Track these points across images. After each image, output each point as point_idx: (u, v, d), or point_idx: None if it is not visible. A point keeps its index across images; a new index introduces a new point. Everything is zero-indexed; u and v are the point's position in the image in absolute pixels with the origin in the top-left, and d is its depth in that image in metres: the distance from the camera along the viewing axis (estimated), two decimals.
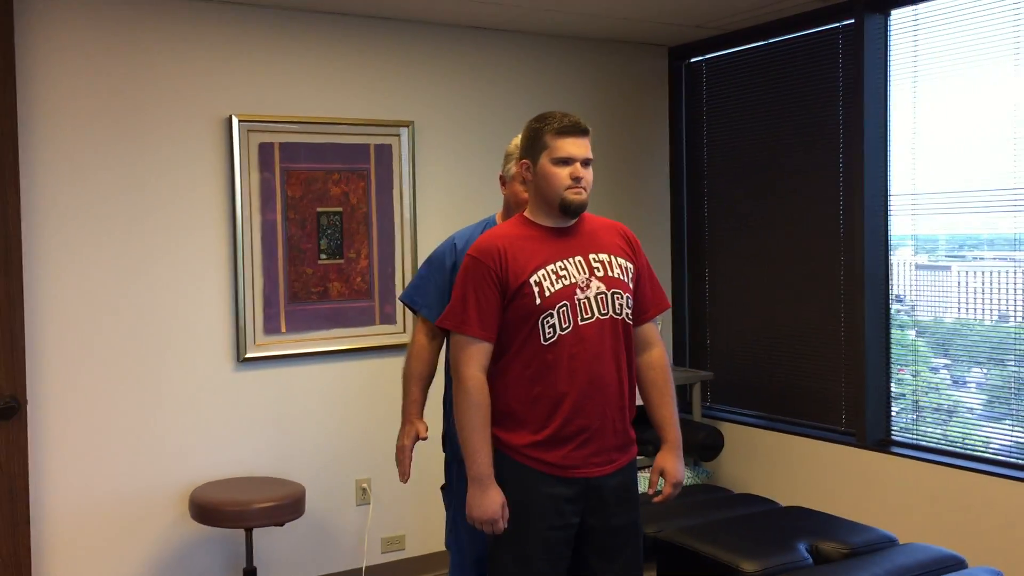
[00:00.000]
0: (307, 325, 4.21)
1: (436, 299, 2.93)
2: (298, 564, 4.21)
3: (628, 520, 2.67)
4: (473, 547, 2.96)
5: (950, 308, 4.10)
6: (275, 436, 4.17)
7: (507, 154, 2.97)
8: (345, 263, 4.28)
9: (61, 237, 3.73)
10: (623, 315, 2.62)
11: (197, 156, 3.99)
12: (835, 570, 3.00)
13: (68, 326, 3.75)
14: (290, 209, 4.16)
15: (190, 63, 3.97)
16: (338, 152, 4.25)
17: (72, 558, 3.77)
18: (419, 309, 2.98)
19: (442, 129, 4.53)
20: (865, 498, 4.23)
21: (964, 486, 3.87)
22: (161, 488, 3.93)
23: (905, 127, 4.16)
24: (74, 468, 3.76)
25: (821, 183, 4.47)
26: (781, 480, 4.63)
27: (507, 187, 2.97)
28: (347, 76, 4.30)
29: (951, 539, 3.78)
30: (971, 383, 4.01)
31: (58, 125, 3.72)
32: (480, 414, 2.54)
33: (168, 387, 3.95)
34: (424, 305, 2.97)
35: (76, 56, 3.75)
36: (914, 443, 4.18)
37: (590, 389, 2.55)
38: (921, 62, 4.08)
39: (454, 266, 2.91)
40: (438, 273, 2.98)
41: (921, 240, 4.19)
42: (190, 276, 3.99)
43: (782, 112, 4.67)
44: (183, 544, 3.98)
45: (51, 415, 3.71)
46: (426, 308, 2.96)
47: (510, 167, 2.92)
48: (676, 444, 2.73)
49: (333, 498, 4.28)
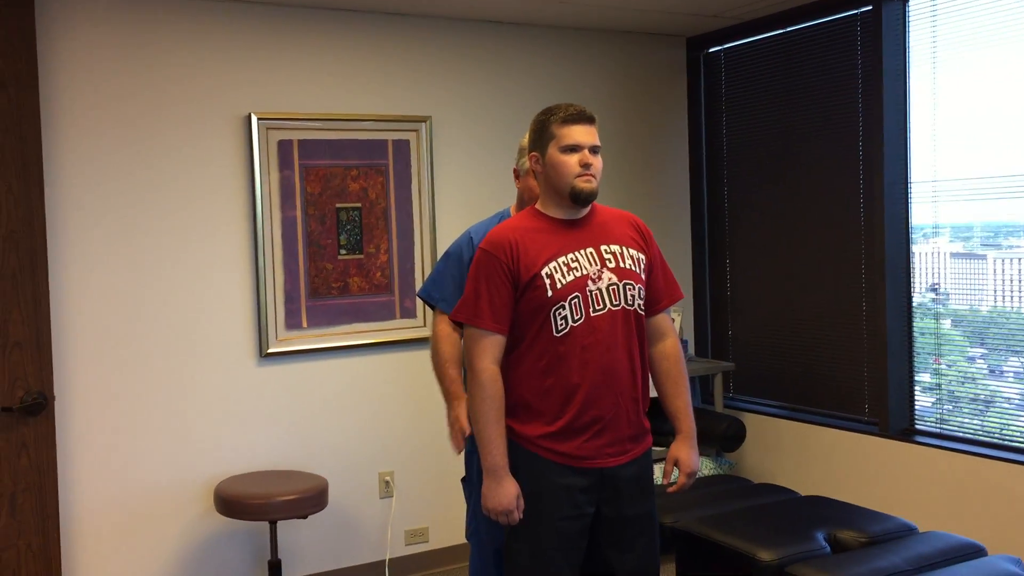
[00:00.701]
0: (328, 320, 4.25)
1: (453, 293, 2.96)
2: (322, 556, 4.27)
3: (643, 510, 2.68)
4: (493, 538, 2.98)
5: (986, 297, 4.05)
6: (298, 430, 4.22)
7: (521, 148, 3.00)
8: (365, 258, 4.32)
9: (85, 236, 3.80)
10: (635, 306, 2.63)
11: (217, 154, 4.04)
12: (852, 558, 3.00)
13: (93, 323, 3.82)
14: (309, 205, 4.20)
15: (209, 62, 4.02)
16: (356, 148, 4.29)
17: (100, 550, 3.84)
18: (437, 303, 3.01)
19: (460, 124, 4.55)
20: (887, 488, 4.21)
21: (987, 475, 3.84)
22: (186, 482, 4.00)
23: (925, 114, 4.13)
24: (101, 462, 3.83)
25: (841, 171, 4.45)
26: (804, 470, 4.61)
27: (521, 181, 3.00)
28: (365, 72, 4.34)
29: (972, 528, 3.76)
30: (1008, 373, 3.96)
31: (80, 126, 3.78)
32: (494, 406, 2.56)
33: (192, 382, 4.01)
34: (442, 299, 2.99)
35: (97, 59, 3.81)
36: (938, 432, 4.15)
37: (603, 380, 2.56)
38: (940, 47, 4.05)
39: (471, 260, 2.93)
40: (455, 267, 3.00)
41: (956, 229, 4.14)
42: (212, 273, 4.04)
43: (801, 101, 4.65)
44: (208, 537, 4.05)
45: (78, 411, 3.78)
46: (444, 302, 2.98)
47: (524, 161, 2.96)
48: (690, 434, 2.73)
49: (357, 491, 4.33)
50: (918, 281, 4.24)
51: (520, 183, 3.00)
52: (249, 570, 4.12)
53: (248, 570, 4.12)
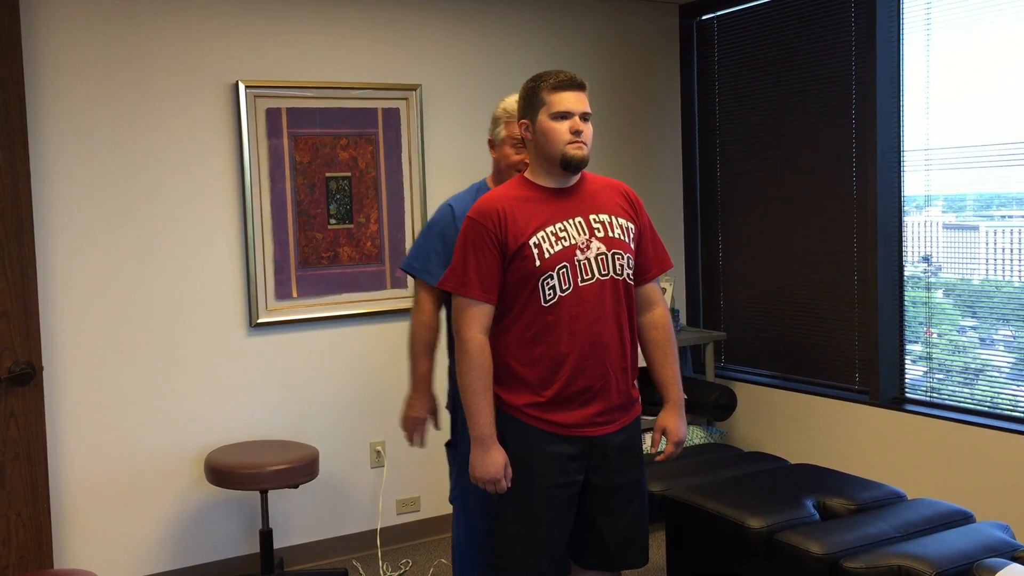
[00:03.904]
0: (318, 290, 4.23)
1: (437, 265, 2.95)
2: (314, 526, 4.28)
3: (632, 478, 2.69)
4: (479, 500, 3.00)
5: (978, 268, 4.04)
6: (289, 400, 4.21)
7: (495, 118, 3.00)
8: (355, 228, 4.30)
9: (73, 206, 3.77)
10: (624, 276, 2.62)
11: (205, 123, 4.00)
12: (841, 525, 3.02)
13: (82, 293, 3.80)
14: (299, 175, 4.17)
15: (195, 29, 3.97)
16: (346, 117, 4.25)
17: (91, 521, 3.84)
18: (419, 275, 3.00)
19: (450, 92, 4.51)
20: (877, 456, 4.22)
21: (976, 443, 3.85)
22: (177, 452, 4.00)
23: (918, 82, 4.10)
24: (90, 433, 3.83)
25: (834, 140, 4.43)
26: (794, 439, 4.63)
27: (496, 150, 3.00)
28: (354, 40, 4.29)
29: (961, 496, 3.78)
30: (999, 343, 3.96)
31: (65, 94, 3.74)
32: (482, 375, 2.56)
33: (182, 353, 4.00)
34: (424, 271, 2.98)
35: (81, 26, 3.76)
36: (927, 400, 4.16)
37: (591, 350, 2.56)
38: (934, 15, 4.01)
39: (452, 231, 2.93)
40: (438, 240, 2.99)
41: (949, 200, 4.13)
42: (201, 243, 4.02)
43: (794, 68, 4.61)
44: (200, 507, 4.05)
45: (67, 381, 3.77)
46: (426, 274, 2.97)
47: (499, 130, 2.96)
48: (678, 403, 2.74)
49: (348, 461, 4.34)
50: (910, 251, 4.23)
51: (495, 152, 3.00)
52: (240, 540, 4.13)
53: (239, 540, 4.13)
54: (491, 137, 3.01)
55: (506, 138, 2.93)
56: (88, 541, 3.84)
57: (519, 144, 2.90)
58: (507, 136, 2.93)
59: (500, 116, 2.95)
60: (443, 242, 2.96)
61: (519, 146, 2.91)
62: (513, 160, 2.93)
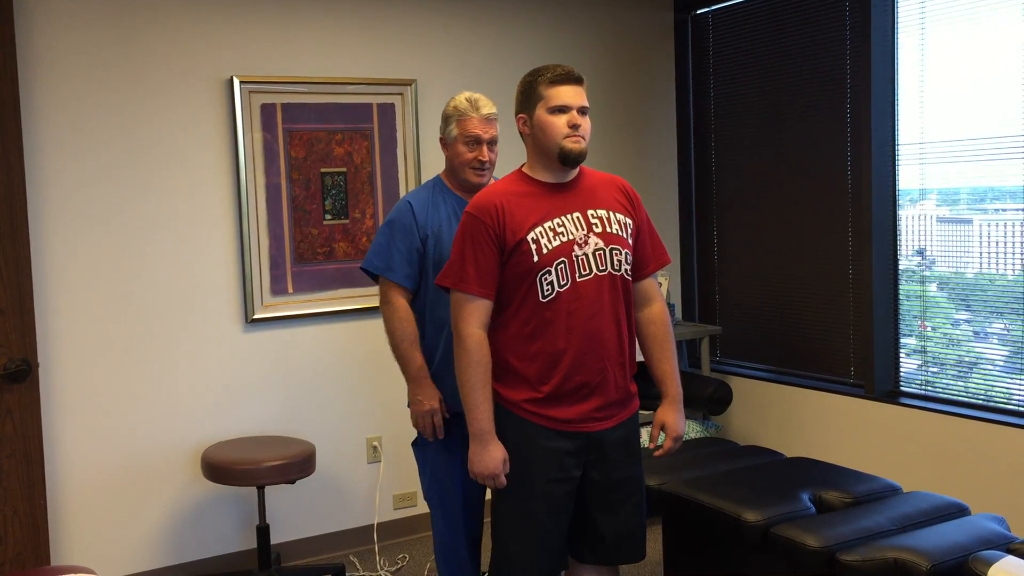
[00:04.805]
0: (314, 286, 4.23)
1: (400, 263, 2.98)
2: (311, 521, 4.28)
3: (630, 473, 2.69)
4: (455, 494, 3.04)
5: (972, 261, 4.05)
6: (285, 396, 4.21)
7: (445, 116, 3.03)
8: (350, 223, 4.29)
9: (66, 201, 3.75)
10: (622, 271, 2.62)
11: (199, 118, 3.99)
12: (837, 518, 3.03)
13: (77, 289, 3.79)
14: (294, 170, 4.16)
15: (190, 25, 3.95)
16: (341, 112, 4.24)
17: (87, 517, 3.84)
18: (382, 273, 3.01)
19: (445, 87, 4.50)
20: (872, 449, 4.24)
21: (971, 436, 3.87)
22: (173, 448, 3.99)
23: (913, 76, 4.11)
24: (86, 429, 3.82)
25: (829, 134, 4.43)
26: (790, 433, 4.64)
27: (448, 148, 3.03)
28: (348, 35, 4.28)
29: (956, 488, 3.80)
30: (993, 336, 3.98)
31: (60, 89, 3.73)
32: (480, 371, 2.56)
33: (178, 349, 3.99)
34: (387, 268, 2.99)
35: (75, 22, 3.74)
36: (922, 394, 4.18)
37: (589, 345, 2.56)
38: (929, 8, 4.02)
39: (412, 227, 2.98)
40: (399, 238, 3.00)
41: (943, 193, 4.14)
42: (196, 238, 4.01)
43: (789, 63, 4.62)
44: (196, 503, 4.05)
45: (62, 377, 3.76)
46: (389, 272, 2.99)
47: (451, 129, 2.99)
48: (677, 398, 2.74)
49: (344, 456, 4.34)
50: (904, 245, 4.24)
51: (448, 151, 3.04)
52: (237, 535, 4.13)
53: (236, 535, 4.13)
54: (443, 136, 3.04)
55: (459, 136, 2.97)
56: (85, 537, 3.84)
57: (472, 142, 2.94)
58: (459, 134, 2.97)
59: (451, 115, 3.00)
60: (404, 239, 2.98)
61: (472, 144, 2.95)
62: (467, 158, 2.97)
